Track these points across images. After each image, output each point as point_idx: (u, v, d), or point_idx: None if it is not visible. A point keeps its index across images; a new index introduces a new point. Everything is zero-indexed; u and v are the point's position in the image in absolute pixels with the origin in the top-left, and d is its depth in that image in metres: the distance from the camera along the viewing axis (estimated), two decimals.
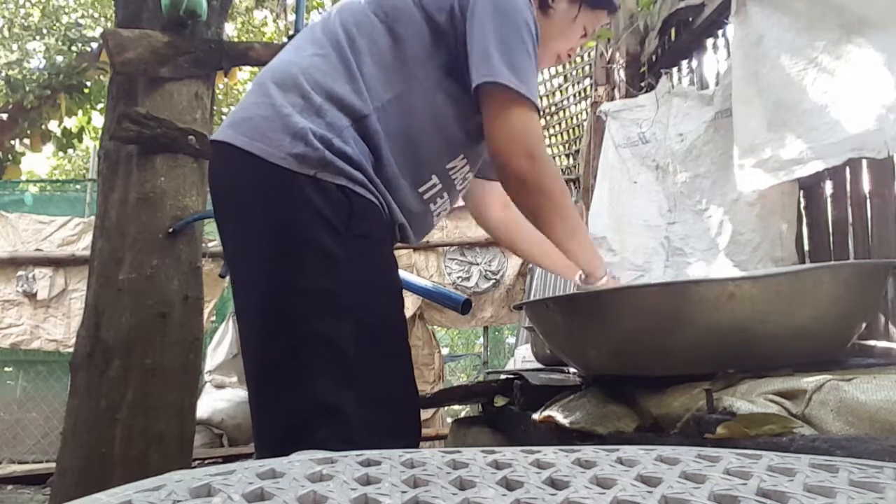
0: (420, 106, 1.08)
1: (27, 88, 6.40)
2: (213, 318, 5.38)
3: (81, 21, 8.40)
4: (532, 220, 1.17)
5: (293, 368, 0.95)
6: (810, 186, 1.94)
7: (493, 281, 5.27)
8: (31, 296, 5.19)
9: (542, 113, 5.14)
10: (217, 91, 4.16)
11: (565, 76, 4.91)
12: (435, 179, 1.14)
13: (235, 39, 7.82)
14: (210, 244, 4.39)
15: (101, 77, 6.54)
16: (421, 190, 1.12)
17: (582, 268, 1.28)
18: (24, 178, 8.16)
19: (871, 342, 1.52)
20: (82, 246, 5.21)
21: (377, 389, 0.98)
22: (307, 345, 0.95)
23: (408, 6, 1.08)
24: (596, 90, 3.13)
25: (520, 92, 1.03)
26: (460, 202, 1.38)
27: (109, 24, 7.61)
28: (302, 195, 0.97)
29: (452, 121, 1.12)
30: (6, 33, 8.10)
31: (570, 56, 1.33)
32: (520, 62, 1.04)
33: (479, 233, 5.35)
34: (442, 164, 1.14)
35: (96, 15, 8.65)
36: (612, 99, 2.86)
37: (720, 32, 2.31)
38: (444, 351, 6.64)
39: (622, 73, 2.85)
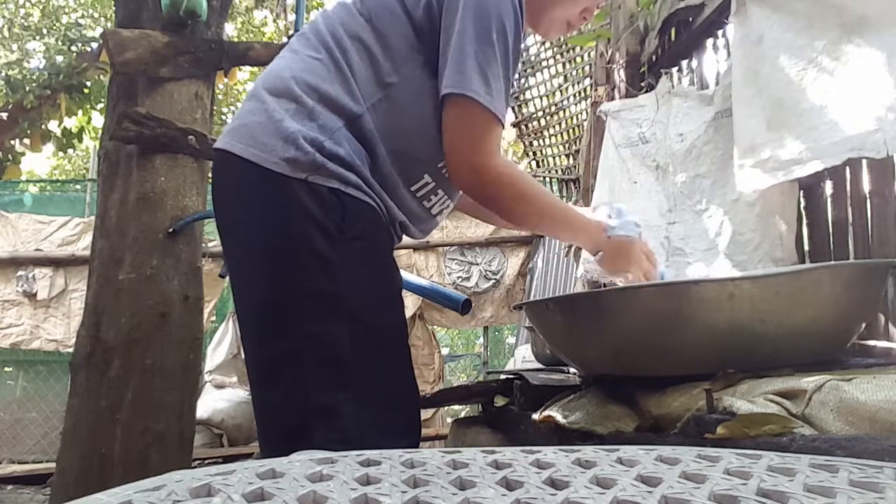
0: (409, 104, 1.07)
1: (27, 88, 6.41)
2: (213, 318, 5.38)
3: (81, 21, 8.40)
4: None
5: (290, 370, 0.96)
6: (810, 186, 1.94)
7: (493, 281, 5.27)
8: (31, 296, 5.20)
9: (542, 113, 5.14)
10: (217, 91, 4.17)
11: (565, 76, 4.91)
12: (427, 178, 1.13)
13: (235, 39, 7.82)
14: (210, 244, 4.39)
15: (101, 77, 6.55)
16: (413, 188, 1.12)
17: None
18: (24, 178, 8.17)
19: (871, 342, 1.52)
20: (82, 246, 5.22)
21: (376, 390, 0.99)
22: (303, 347, 0.96)
23: (390, 3, 1.07)
24: (596, 90, 3.13)
25: (478, 101, 1.01)
26: None
27: (109, 24, 7.61)
28: (295, 199, 0.98)
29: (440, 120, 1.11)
30: (6, 33, 8.10)
31: (585, 20, 1.26)
32: (466, 62, 1.01)
33: (479, 233, 5.35)
34: (434, 161, 1.12)
35: (96, 15, 8.65)
36: (612, 99, 2.86)
37: (720, 32, 2.31)
38: (444, 351, 6.64)
39: (622, 73, 2.85)
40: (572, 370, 1.58)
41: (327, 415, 0.94)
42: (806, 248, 1.99)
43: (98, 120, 7.47)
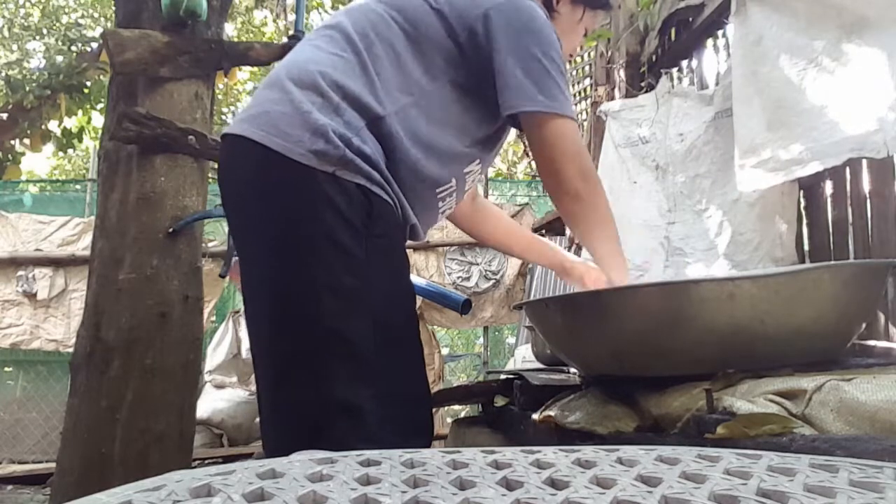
0: (438, 113, 1.09)
1: (27, 88, 6.41)
2: (213, 318, 5.38)
3: (81, 21, 8.40)
4: (571, 225, 1.26)
5: (312, 367, 0.95)
6: (810, 186, 1.94)
7: (493, 281, 5.27)
8: (31, 296, 5.19)
9: None
10: (217, 91, 4.17)
11: None
12: (453, 182, 1.15)
13: (235, 39, 7.82)
14: (210, 244, 4.39)
15: (101, 77, 6.55)
16: (438, 191, 1.14)
17: (605, 272, 1.29)
18: (24, 178, 8.17)
19: (871, 342, 1.52)
20: (82, 246, 5.21)
21: (394, 388, 0.98)
22: (326, 343, 0.94)
23: (430, 17, 1.09)
24: (596, 90, 3.13)
25: (553, 112, 1.07)
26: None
27: (109, 24, 7.61)
28: (321, 192, 0.97)
29: (469, 129, 1.14)
30: (6, 33, 8.10)
31: (571, 57, 1.36)
32: (546, 81, 1.07)
33: None
34: (461, 168, 1.16)
35: (96, 15, 8.66)
36: (612, 99, 2.86)
37: (720, 32, 2.31)
38: (444, 351, 6.63)
39: (622, 73, 2.85)
40: (572, 370, 1.58)
41: (350, 411, 0.93)
42: (806, 248, 1.99)
43: (98, 120, 7.47)
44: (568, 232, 3.20)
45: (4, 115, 6.64)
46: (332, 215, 0.96)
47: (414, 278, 2.20)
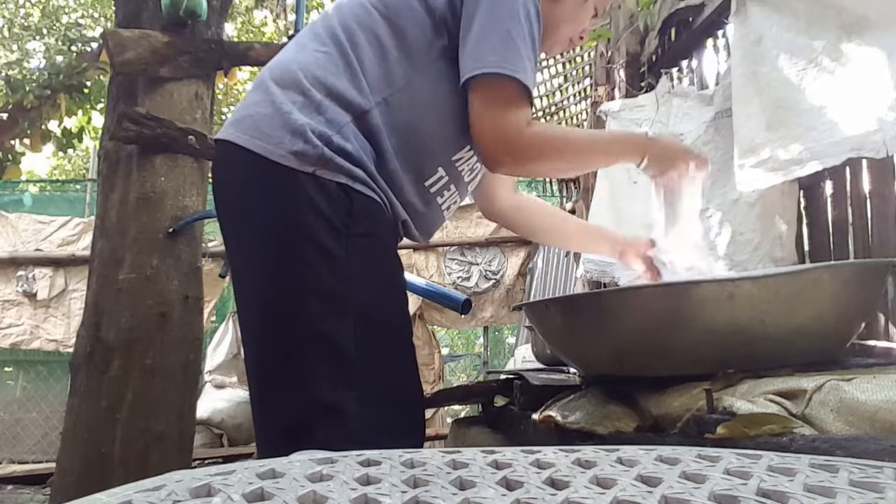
0: (423, 98, 1.07)
1: (27, 88, 6.41)
2: (213, 318, 5.38)
3: (81, 21, 8.40)
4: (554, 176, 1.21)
5: (295, 368, 0.95)
6: (810, 186, 1.94)
7: (493, 281, 5.27)
8: (31, 296, 5.20)
9: (542, 113, 5.13)
10: (217, 91, 4.17)
11: (565, 76, 4.91)
12: (441, 172, 1.13)
13: (235, 39, 7.82)
14: (210, 244, 4.39)
15: (101, 77, 6.55)
16: (427, 183, 1.12)
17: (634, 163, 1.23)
18: (24, 178, 8.17)
19: (871, 342, 1.52)
20: (82, 246, 5.21)
21: (380, 388, 0.98)
22: (308, 344, 0.95)
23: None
24: (596, 90, 3.13)
25: (503, 73, 1.01)
26: (468, 199, 1.37)
27: (109, 24, 7.61)
28: (302, 193, 0.97)
29: (457, 112, 1.11)
30: (6, 33, 8.11)
31: (582, 39, 1.30)
32: (506, 47, 1.02)
33: (479, 232, 5.35)
34: (448, 155, 1.13)
35: (96, 15, 8.67)
36: (612, 99, 2.86)
37: (720, 32, 2.31)
38: (444, 351, 6.63)
39: (622, 73, 2.85)
40: (572, 370, 1.58)
41: (332, 413, 0.93)
42: (806, 248, 1.99)
43: (98, 120, 7.47)
44: None
45: (4, 115, 6.63)
46: (314, 217, 0.96)
47: (414, 278, 2.20)
